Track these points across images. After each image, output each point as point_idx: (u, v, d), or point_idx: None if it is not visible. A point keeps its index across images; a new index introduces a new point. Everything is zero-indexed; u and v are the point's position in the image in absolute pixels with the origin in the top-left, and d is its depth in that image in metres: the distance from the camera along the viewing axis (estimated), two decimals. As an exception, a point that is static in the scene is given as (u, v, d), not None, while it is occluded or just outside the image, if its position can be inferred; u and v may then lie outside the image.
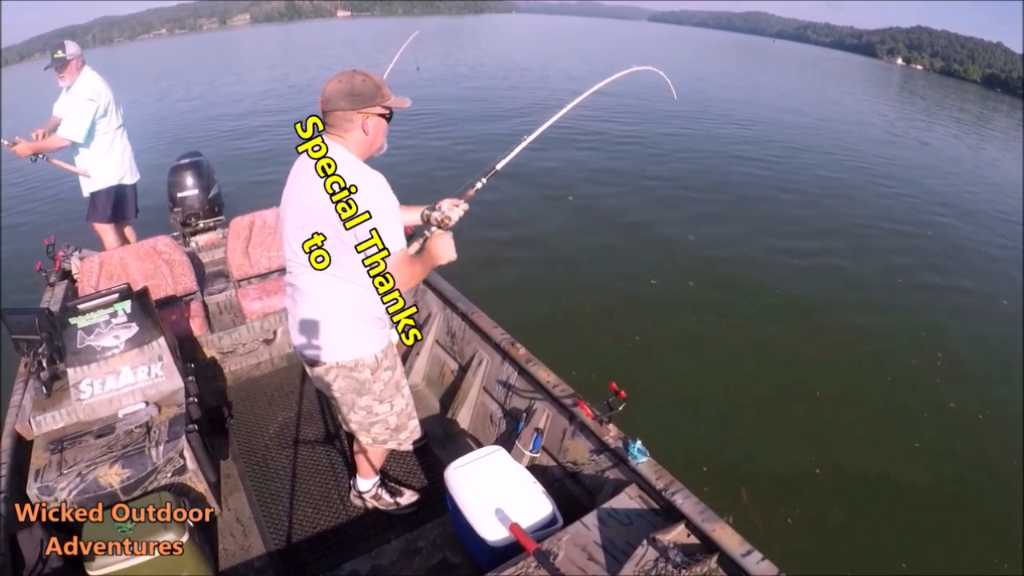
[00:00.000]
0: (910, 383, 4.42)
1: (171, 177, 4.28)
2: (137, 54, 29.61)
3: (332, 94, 1.67)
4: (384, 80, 1.73)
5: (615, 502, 1.88)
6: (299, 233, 1.72)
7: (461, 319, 2.92)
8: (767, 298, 5.46)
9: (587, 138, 10.33)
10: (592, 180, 8.56)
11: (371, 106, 1.69)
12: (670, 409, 3.86)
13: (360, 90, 1.67)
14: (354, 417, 2.00)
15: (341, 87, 1.67)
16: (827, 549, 3.00)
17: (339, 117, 1.68)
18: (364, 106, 1.68)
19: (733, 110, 15.47)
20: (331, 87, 1.67)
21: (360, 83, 1.68)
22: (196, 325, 3.11)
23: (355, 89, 1.67)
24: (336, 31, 59.47)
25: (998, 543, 3.09)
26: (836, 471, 3.47)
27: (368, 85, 1.68)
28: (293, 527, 2.31)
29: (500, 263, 5.74)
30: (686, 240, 6.70)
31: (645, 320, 4.98)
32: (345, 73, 1.70)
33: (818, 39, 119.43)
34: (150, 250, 3.24)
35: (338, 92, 1.67)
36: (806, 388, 4.23)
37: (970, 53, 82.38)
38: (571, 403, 2.20)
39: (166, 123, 13.02)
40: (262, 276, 3.47)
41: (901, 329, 5.16)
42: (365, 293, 1.79)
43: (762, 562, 1.56)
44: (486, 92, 16.47)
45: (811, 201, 8.39)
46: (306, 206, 1.69)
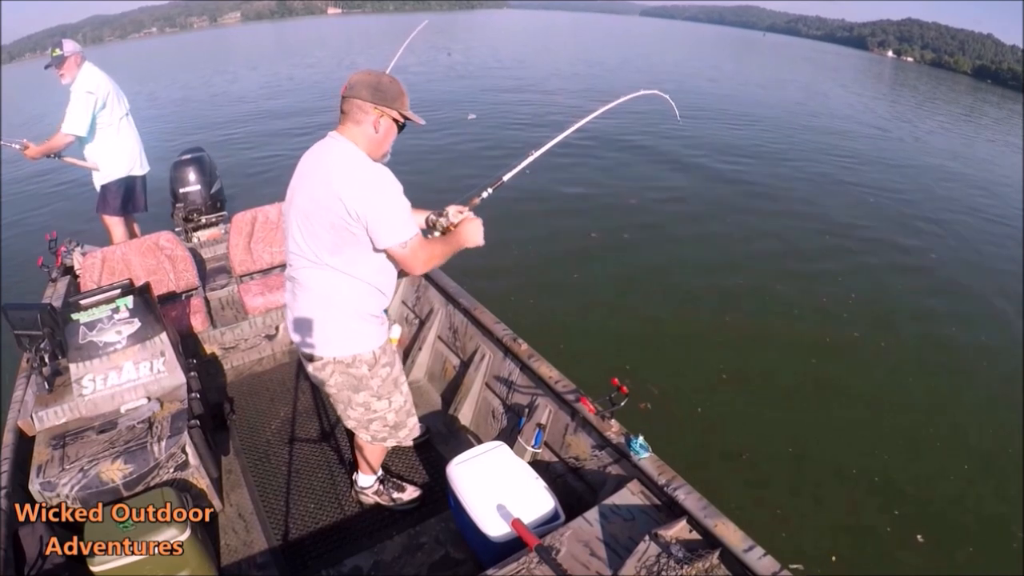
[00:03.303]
0: (917, 379, 4.39)
1: (173, 173, 4.28)
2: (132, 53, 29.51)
3: (357, 83, 1.71)
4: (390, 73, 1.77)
5: (617, 498, 1.88)
6: (305, 224, 1.73)
7: (463, 315, 2.92)
8: (772, 294, 5.43)
9: (587, 138, 10.29)
10: (593, 178, 8.53)
11: (389, 107, 1.72)
12: (672, 405, 3.85)
13: (384, 88, 1.72)
14: (352, 414, 2.00)
15: (368, 79, 1.71)
16: (830, 545, 2.99)
17: (356, 105, 1.71)
18: (383, 104, 1.71)
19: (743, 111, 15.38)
20: (358, 77, 1.72)
21: (387, 82, 1.73)
22: (198, 321, 3.11)
23: (380, 85, 1.71)
24: (329, 28, 59.36)
25: (999, 543, 3.09)
26: (841, 467, 3.46)
27: (394, 88, 1.73)
28: (295, 523, 2.31)
29: (503, 259, 5.73)
30: (687, 240, 6.68)
31: (648, 316, 4.98)
32: (374, 70, 1.76)
33: (809, 32, 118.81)
34: (152, 246, 3.24)
35: (363, 82, 1.71)
36: (810, 384, 4.21)
37: (960, 45, 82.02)
38: (573, 399, 2.19)
39: (166, 121, 13.03)
40: (264, 272, 3.47)
41: (906, 327, 5.14)
42: (366, 288, 1.81)
43: (764, 558, 1.56)
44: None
45: (812, 200, 8.36)
46: (315, 197, 1.69)
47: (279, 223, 3.36)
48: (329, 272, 1.76)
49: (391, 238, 1.69)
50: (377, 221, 1.66)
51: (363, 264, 1.77)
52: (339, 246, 1.71)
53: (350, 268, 1.76)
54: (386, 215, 1.67)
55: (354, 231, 1.67)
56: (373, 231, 1.68)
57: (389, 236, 1.69)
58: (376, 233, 1.68)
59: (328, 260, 1.74)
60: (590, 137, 9.93)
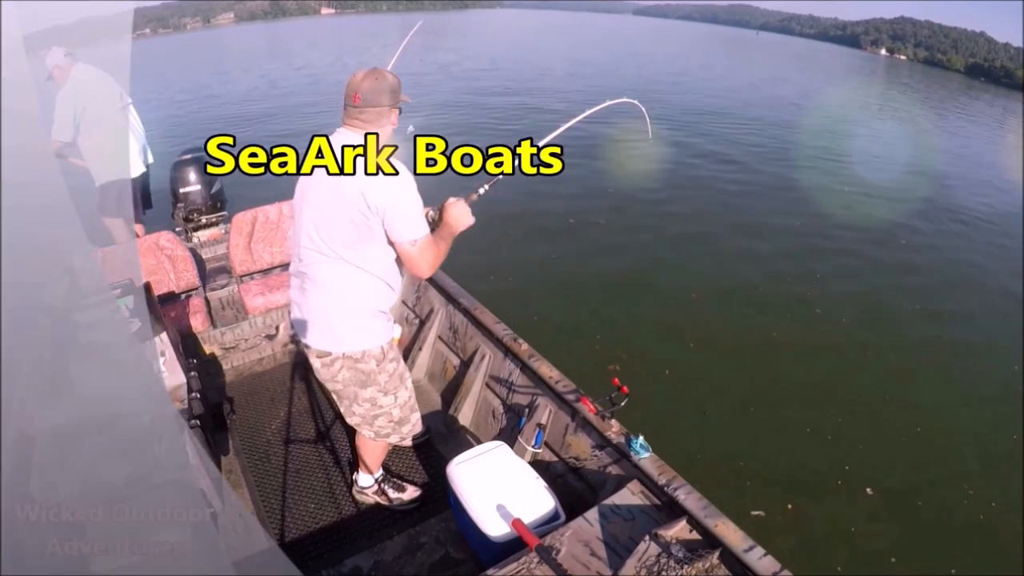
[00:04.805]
0: (918, 381, 4.40)
1: (173, 172, 4.27)
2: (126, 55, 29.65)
3: (371, 92, 1.69)
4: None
5: (617, 498, 1.88)
6: (321, 218, 1.74)
7: (463, 315, 2.91)
8: (771, 295, 5.44)
9: (589, 138, 10.28)
10: (593, 178, 8.53)
11: (400, 101, 1.76)
12: (673, 405, 3.85)
13: (395, 86, 1.74)
14: (357, 410, 2.00)
15: (379, 84, 1.70)
16: (830, 546, 2.99)
17: (377, 113, 1.72)
18: (398, 102, 1.75)
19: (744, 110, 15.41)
20: (368, 84, 1.70)
21: (393, 80, 1.74)
22: (198, 321, 3.11)
23: (392, 86, 1.73)
24: (323, 28, 59.32)
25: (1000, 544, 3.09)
26: (841, 468, 3.46)
27: (396, 81, 1.75)
28: (295, 523, 2.31)
29: (503, 259, 5.73)
30: (689, 238, 6.68)
31: (649, 316, 4.98)
32: (374, 70, 1.74)
33: (802, 31, 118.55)
34: (152, 245, 3.24)
35: (377, 89, 1.70)
36: (811, 386, 4.21)
37: (953, 43, 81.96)
38: (573, 399, 2.19)
39: (167, 120, 13.01)
40: (264, 272, 3.47)
41: (907, 327, 5.14)
42: (377, 284, 1.83)
43: (764, 558, 1.56)
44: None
45: (812, 200, 8.36)
46: (334, 191, 1.70)
47: (279, 223, 3.36)
48: (342, 266, 1.77)
49: (404, 233, 1.71)
50: (394, 215, 1.69)
51: (375, 259, 1.79)
52: (355, 240, 1.73)
53: (363, 263, 1.77)
54: (404, 210, 1.70)
55: (372, 225, 1.70)
56: (389, 224, 1.70)
57: (403, 231, 1.71)
58: (391, 227, 1.71)
59: (343, 254, 1.75)
60: (591, 135, 9.93)
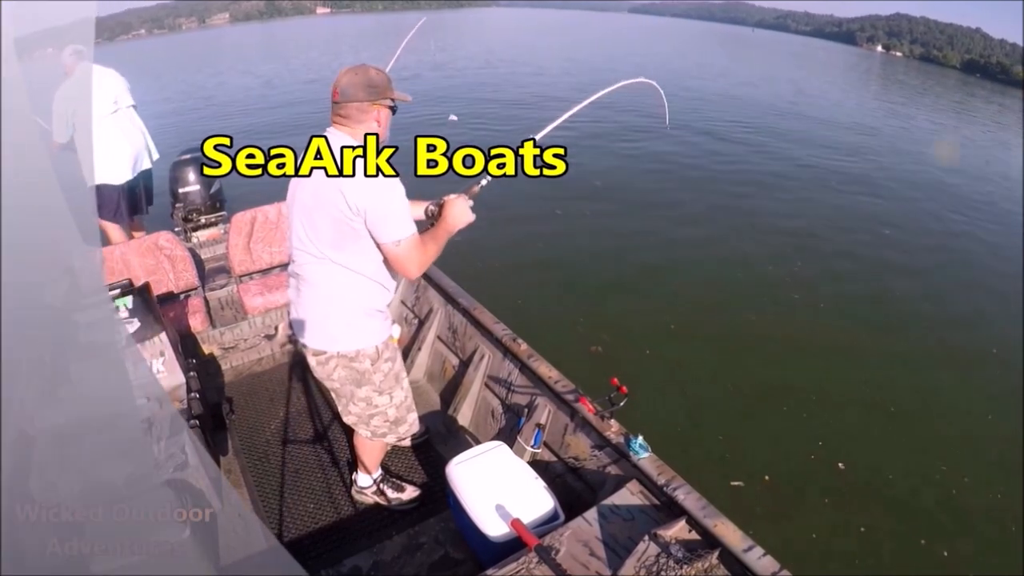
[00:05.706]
0: (920, 379, 4.41)
1: (172, 172, 4.27)
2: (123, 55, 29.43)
3: (349, 86, 1.69)
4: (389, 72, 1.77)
5: (617, 498, 1.88)
6: (308, 219, 1.74)
7: (462, 315, 2.92)
8: (772, 295, 5.44)
9: (589, 137, 10.29)
10: (594, 179, 8.54)
11: (384, 98, 1.73)
12: (672, 405, 3.86)
13: (376, 81, 1.71)
14: (353, 409, 2.01)
15: (358, 79, 1.70)
16: (829, 546, 3.00)
17: (355, 108, 1.71)
18: (379, 98, 1.72)
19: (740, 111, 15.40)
20: (347, 79, 1.69)
21: (375, 75, 1.72)
22: (197, 321, 3.11)
23: (372, 80, 1.71)
24: (319, 28, 59.25)
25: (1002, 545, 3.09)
26: (840, 468, 3.47)
27: (382, 77, 1.73)
28: (294, 523, 2.31)
29: (504, 261, 5.73)
30: (690, 238, 6.68)
31: (648, 316, 4.97)
32: (358, 66, 1.73)
33: (798, 28, 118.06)
34: (151, 245, 3.23)
35: (355, 84, 1.69)
36: (811, 386, 4.20)
37: (949, 39, 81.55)
38: (573, 399, 2.19)
39: (166, 120, 12.99)
40: (264, 272, 3.47)
41: (910, 325, 5.15)
42: (369, 284, 1.82)
43: (764, 558, 1.56)
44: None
45: (811, 201, 8.37)
46: (317, 192, 1.70)
47: (279, 223, 3.36)
48: (332, 267, 1.77)
49: (388, 234, 1.70)
50: (376, 216, 1.67)
51: (365, 260, 1.78)
52: (341, 241, 1.72)
53: (352, 263, 1.76)
54: (385, 211, 1.67)
55: (355, 226, 1.68)
56: (371, 225, 1.69)
57: (386, 232, 1.70)
58: (374, 228, 1.69)
59: (331, 255, 1.74)
60: (589, 135, 9.94)
